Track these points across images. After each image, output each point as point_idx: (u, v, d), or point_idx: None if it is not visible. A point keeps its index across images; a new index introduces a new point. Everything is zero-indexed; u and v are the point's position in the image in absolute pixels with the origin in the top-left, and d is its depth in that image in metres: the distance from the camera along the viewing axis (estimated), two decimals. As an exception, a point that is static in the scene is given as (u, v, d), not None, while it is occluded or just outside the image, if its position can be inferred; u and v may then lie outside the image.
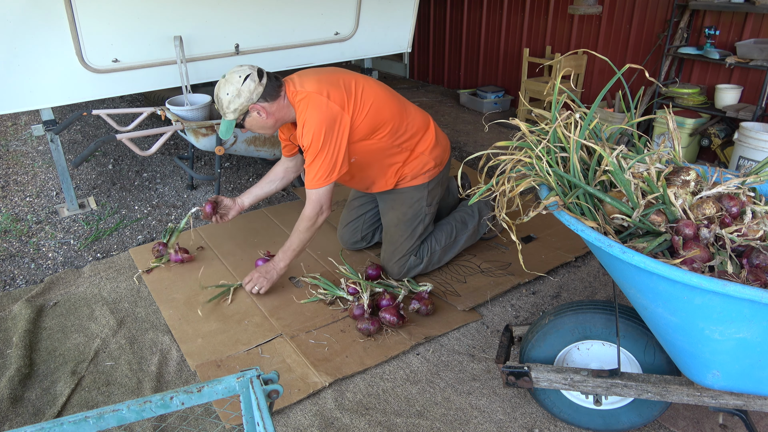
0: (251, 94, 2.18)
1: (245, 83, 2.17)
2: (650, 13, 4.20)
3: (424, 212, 2.56)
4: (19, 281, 2.72)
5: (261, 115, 2.25)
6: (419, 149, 2.49)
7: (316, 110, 2.19)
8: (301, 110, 2.23)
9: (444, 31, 6.09)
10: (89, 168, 4.05)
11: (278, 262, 2.48)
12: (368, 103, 2.30)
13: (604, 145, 1.57)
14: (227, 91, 2.18)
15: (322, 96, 2.21)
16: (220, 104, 2.23)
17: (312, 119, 2.19)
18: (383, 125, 2.35)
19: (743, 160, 3.39)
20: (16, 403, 1.96)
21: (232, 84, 2.18)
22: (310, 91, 2.23)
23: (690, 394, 1.55)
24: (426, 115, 2.57)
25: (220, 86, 2.22)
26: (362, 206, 2.79)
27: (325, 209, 2.34)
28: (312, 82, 2.27)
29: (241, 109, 2.21)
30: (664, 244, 1.36)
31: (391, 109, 2.38)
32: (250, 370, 1.14)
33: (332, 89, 2.24)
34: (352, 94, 2.28)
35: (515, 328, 1.95)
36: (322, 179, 2.25)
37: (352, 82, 2.32)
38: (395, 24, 4.21)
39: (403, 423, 1.88)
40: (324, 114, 2.19)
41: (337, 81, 2.29)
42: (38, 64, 2.90)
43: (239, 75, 2.18)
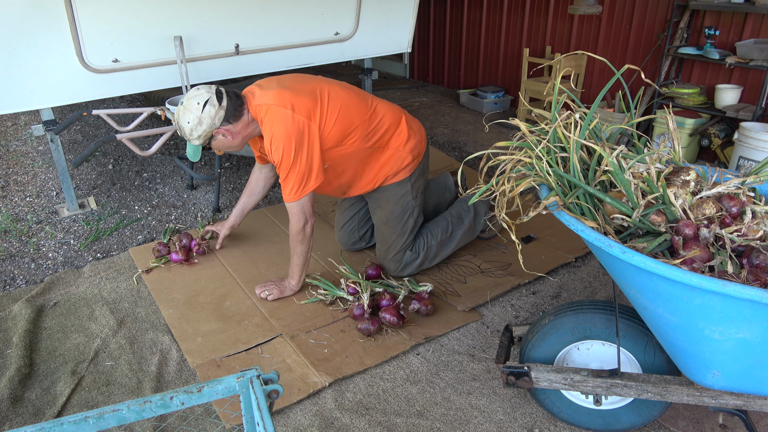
0: (212, 120, 2.11)
1: (205, 110, 2.10)
2: (650, 13, 4.20)
3: (411, 206, 2.54)
4: (19, 281, 2.72)
5: (226, 137, 2.19)
6: (393, 145, 2.45)
7: (281, 125, 2.14)
8: (266, 125, 2.17)
9: (444, 31, 6.09)
10: (89, 168, 4.05)
11: (290, 280, 2.51)
12: (335, 109, 2.25)
13: (604, 145, 1.57)
14: (187, 120, 2.12)
15: (286, 109, 2.15)
16: (182, 132, 2.17)
17: (278, 135, 2.14)
18: (354, 129, 2.31)
19: (743, 160, 3.39)
20: (16, 403, 1.96)
21: (191, 112, 2.11)
22: (270, 104, 2.16)
23: (690, 394, 1.55)
24: (396, 109, 2.51)
25: (179, 114, 2.14)
26: (353, 206, 2.77)
27: (309, 217, 2.31)
28: (273, 93, 2.19)
29: (204, 135, 2.15)
30: (664, 244, 1.36)
31: (359, 111, 2.33)
32: (250, 370, 1.14)
33: (296, 100, 2.18)
34: (317, 101, 2.22)
35: (515, 328, 1.95)
36: (299, 191, 2.22)
37: (316, 89, 2.26)
38: (395, 24, 4.21)
39: (403, 423, 1.88)
40: (290, 128, 2.13)
41: (300, 90, 2.22)
42: (38, 64, 2.90)
43: (197, 101, 2.10)
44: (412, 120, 2.56)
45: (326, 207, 3.34)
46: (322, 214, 3.26)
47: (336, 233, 2.87)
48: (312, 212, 2.33)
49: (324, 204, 3.37)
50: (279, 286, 2.50)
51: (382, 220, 2.56)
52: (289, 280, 2.51)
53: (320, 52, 3.92)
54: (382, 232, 2.57)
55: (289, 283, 2.51)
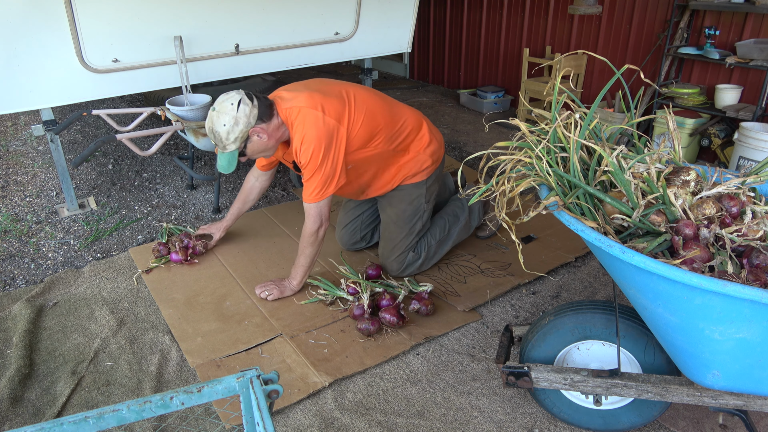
0: (248, 118, 2.11)
1: (240, 108, 2.10)
2: (650, 13, 4.20)
3: (423, 209, 2.56)
4: (19, 281, 2.72)
5: (261, 138, 2.19)
6: (414, 148, 2.49)
7: (313, 126, 2.16)
8: (297, 127, 2.19)
9: (444, 31, 6.09)
10: (89, 168, 4.05)
11: (292, 280, 2.49)
12: (362, 111, 2.28)
13: (604, 145, 1.57)
14: (223, 122, 2.10)
15: (317, 111, 2.17)
16: (218, 138, 2.14)
17: (310, 136, 2.15)
18: (378, 132, 2.35)
19: (743, 160, 3.39)
20: (16, 403, 1.96)
21: (225, 113, 2.10)
22: (302, 106, 2.19)
23: (690, 394, 1.55)
24: (418, 114, 2.55)
25: (213, 120, 2.13)
26: (359, 206, 2.78)
27: (324, 221, 2.33)
28: (303, 96, 2.21)
29: (241, 137, 2.14)
30: (664, 244, 1.36)
31: (383, 114, 2.36)
32: (250, 370, 1.14)
33: (326, 102, 2.20)
34: (345, 104, 2.25)
35: (515, 328, 1.95)
36: (321, 193, 2.24)
37: (342, 91, 2.29)
38: (395, 24, 4.21)
39: (403, 423, 1.88)
40: (321, 130, 2.16)
41: (329, 92, 2.25)
42: (38, 64, 2.90)
43: (230, 102, 2.11)
44: (432, 126, 2.61)
45: (326, 207, 3.33)
46: (322, 214, 3.26)
47: (337, 232, 2.87)
48: (327, 217, 2.34)
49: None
50: (279, 287, 2.49)
51: (392, 218, 2.57)
52: (291, 281, 2.50)
53: (320, 52, 3.92)
54: (390, 231, 2.57)
55: (289, 284, 2.50)
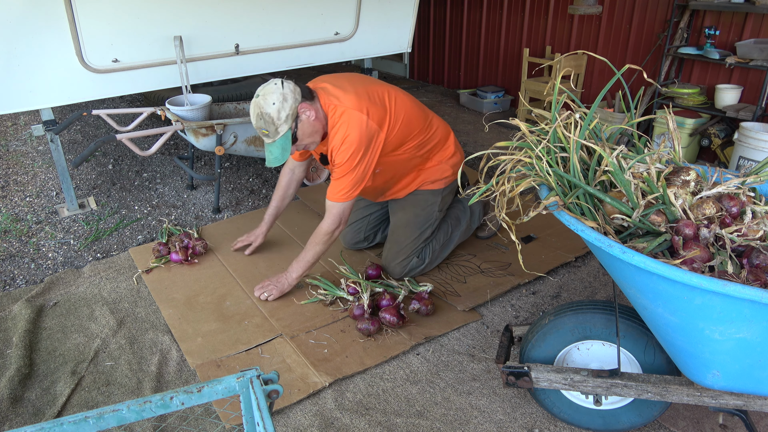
0: (294, 94, 2.11)
1: (285, 85, 2.10)
2: (650, 13, 4.20)
3: (434, 217, 2.58)
4: (19, 281, 2.72)
5: (309, 116, 2.16)
6: (438, 158, 2.54)
7: (356, 130, 2.16)
8: (341, 125, 2.18)
9: (444, 31, 6.09)
10: (89, 168, 4.05)
11: (291, 273, 2.46)
12: (400, 117, 2.31)
13: (604, 145, 1.57)
14: (272, 101, 2.08)
15: (362, 114, 2.18)
16: (269, 121, 2.10)
17: (352, 137, 2.16)
18: (411, 138, 2.38)
19: (743, 160, 3.39)
20: (16, 403, 1.96)
21: (272, 93, 2.09)
22: (349, 106, 2.18)
23: (690, 394, 1.55)
24: (447, 126, 2.61)
25: (260, 104, 2.10)
26: (368, 207, 2.80)
27: (342, 223, 2.34)
28: (350, 95, 2.21)
29: (292, 114, 2.11)
30: (664, 244, 1.36)
31: (419, 121, 2.40)
32: (250, 370, 1.14)
33: (371, 106, 2.21)
34: (387, 109, 2.27)
35: (515, 328, 1.95)
36: (347, 194, 2.26)
37: (385, 94, 2.31)
38: (395, 24, 4.21)
39: (403, 423, 1.88)
40: (364, 134, 2.17)
41: (373, 95, 2.26)
42: (38, 64, 2.90)
43: (274, 83, 2.11)
44: (457, 141, 2.64)
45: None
46: (322, 214, 3.25)
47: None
48: (347, 219, 2.35)
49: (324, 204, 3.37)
50: (277, 285, 2.47)
51: (403, 222, 2.57)
52: (289, 274, 2.46)
53: (320, 52, 3.92)
54: (398, 234, 2.57)
55: (287, 277, 2.46)
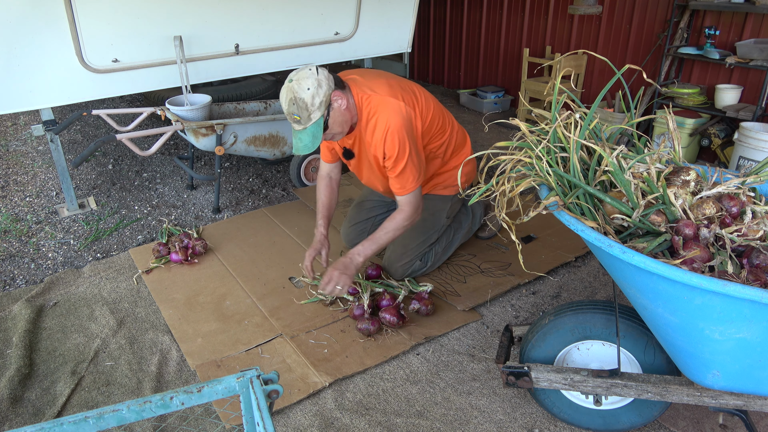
0: (329, 81, 2.05)
1: (320, 71, 2.03)
2: (650, 13, 4.20)
3: (441, 223, 2.59)
4: (19, 281, 2.72)
5: (341, 105, 2.10)
6: (453, 163, 2.53)
7: (397, 116, 2.12)
8: (379, 114, 2.13)
9: (444, 31, 6.09)
10: (89, 168, 4.05)
11: (356, 257, 2.25)
12: (430, 112, 2.30)
13: (604, 145, 1.57)
14: (307, 86, 2.00)
15: (398, 100, 2.15)
16: (302, 106, 2.01)
17: (396, 124, 2.11)
18: (433, 134, 2.37)
19: (743, 160, 3.39)
20: (16, 403, 1.96)
21: (307, 78, 2.01)
22: (383, 95, 2.15)
23: (690, 394, 1.55)
24: (465, 132, 2.60)
25: (294, 89, 2.01)
26: (373, 209, 2.78)
27: (418, 209, 2.29)
28: (383, 85, 2.20)
29: (326, 100, 2.04)
30: (664, 244, 1.36)
31: (443, 120, 2.40)
32: (250, 370, 1.14)
33: (404, 94, 2.20)
34: (419, 100, 2.27)
35: (515, 328, 1.95)
36: (414, 182, 2.21)
37: (414, 88, 2.31)
38: (395, 24, 4.21)
39: (403, 423, 1.88)
40: (404, 119, 2.14)
41: (404, 87, 2.26)
42: (38, 64, 2.90)
43: (308, 69, 2.04)
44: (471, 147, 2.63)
45: (326, 207, 3.34)
46: (322, 214, 3.26)
47: (343, 228, 2.86)
48: (421, 203, 2.30)
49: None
50: (345, 272, 2.22)
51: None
52: (355, 257, 2.25)
53: (320, 52, 3.92)
54: (404, 236, 2.52)
55: (354, 261, 2.25)
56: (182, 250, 2.78)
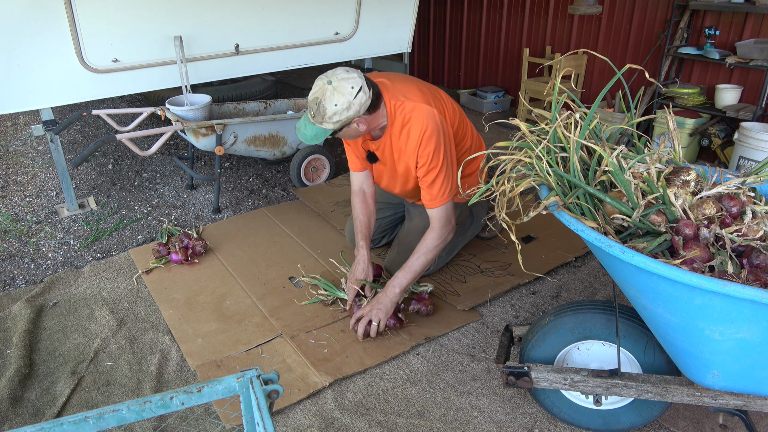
0: (360, 108, 1.98)
1: (358, 96, 1.95)
2: (650, 13, 4.20)
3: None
4: (19, 281, 2.72)
5: (359, 127, 2.06)
6: (469, 169, 2.50)
7: (432, 122, 2.08)
8: (413, 121, 2.10)
9: (444, 31, 6.09)
10: (89, 168, 4.05)
11: (394, 288, 2.21)
12: (456, 118, 2.29)
13: (604, 145, 1.57)
14: (335, 102, 1.94)
15: (431, 107, 2.11)
16: (320, 112, 1.96)
17: (430, 131, 2.08)
18: (459, 142, 2.34)
19: (743, 160, 3.39)
20: (16, 403, 1.96)
21: (343, 95, 1.94)
22: (416, 102, 2.11)
23: (690, 394, 1.55)
24: (481, 138, 2.57)
25: (326, 94, 1.94)
26: (381, 210, 2.75)
27: (452, 224, 2.23)
28: (415, 91, 2.16)
29: (344, 121, 1.99)
30: (664, 244, 1.36)
31: (464, 126, 2.38)
32: (250, 370, 1.14)
33: (435, 101, 2.17)
34: (446, 106, 2.25)
35: (515, 328, 1.95)
36: (445, 194, 2.16)
37: (439, 93, 2.29)
38: (395, 24, 4.21)
39: (403, 423, 1.88)
40: (438, 126, 2.10)
41: (432, 93, 2.23)
42: (38, 64, 2.90)
43: (351, 86, 1.95)
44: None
45: (326, 207, 3.34)
46: (322, 214, 3.26)
47: (347, 227, 2.86)
48: (455, 216, 2.24)
49: (324, 204, 3.37)
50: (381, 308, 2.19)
51: (417, 228, 2.51)
52: (393, 289, 2.21)
53: (320, 52, 3.92)
54: (410, 240, 2.52)
55: (391, 293, 2.21)
56: (182, 250, 2.78)
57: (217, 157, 3.24)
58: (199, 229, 3.15)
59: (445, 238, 2.23)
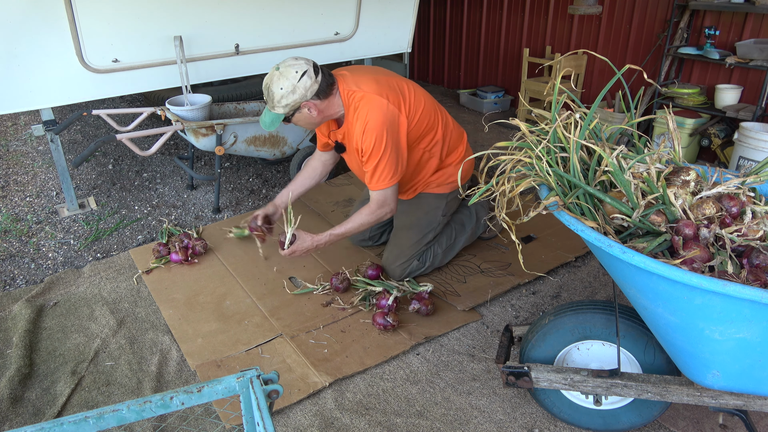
0: (306, 92, 2.12)
1: (302, 80, 2.10)
2: (650, 13, 4.20)
3: (438, 221, 2.58)
4: (19, 281, 2.72)
5: (311, 112, 2.19)
6: (449, 160, 2.52)
7: (377, 111, 2.16)
8: (360, 112, 2.18)
9: (444, 31, 6.09)
10: (89, 168, 4.05)
11: (322, 238, 2.31)
12: (420, 108, 2.30)
13: (604, 145, 1.57)
14: (281, 86, 2.10)
15: (381, 98, 2.18)
16: (270, 97, 2.15)
17: (373, 122, 2.15)
18: (428, 133, 2.37)
19: (743, 160, 3.39)
20: (16, 403, 1.96)
21: (287, 79, 2.10)
22: (368, 91, 2.20)
23: (690, 394, 1.55)
24: (461, 130, 2.59)
25: (273, 79, 2.13)
26: None
27: (393, 208, 2.33)
28: (370, 82, 2.23)
29: (293, 105, 2.15)
30: (664, 244, 1.36)
31: (435, 117, 2.40)
32: (250, 370, 1.14)
33: (390, 92, 2.22)
34: (406, 97, 2.27)
35: (515, 328, 1.95)
36: (386, 180, 2.24)
37: (404, 85, 2.32)
38: (395, 24, 4.21)
39: (403, 423, 1.88)
40: (386, 116, 2.16)
41: (392, 84, 2.28)
42: (38, 64, 2.90)
43: (296, 70, 2.10)
44: (469, 146, 2.63)
45: (326, 207, 3.34)
46: (322, 215, 3.26)
47: None
48: (395, 206, 2.34)
49: (324, 204, 3.37)
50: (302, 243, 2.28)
51: (405, 224, 2.57)
52: (320, 237, 2.31)
53: (320, 52, 3.92)
54: (400, 236, 2.57)
55: (318, 239, 2.30)
56: (182, 250, 2.78)
57: (217, 157, 3.24)
58: (199, 228, 3.15)
59: (379, 217, 2.33)
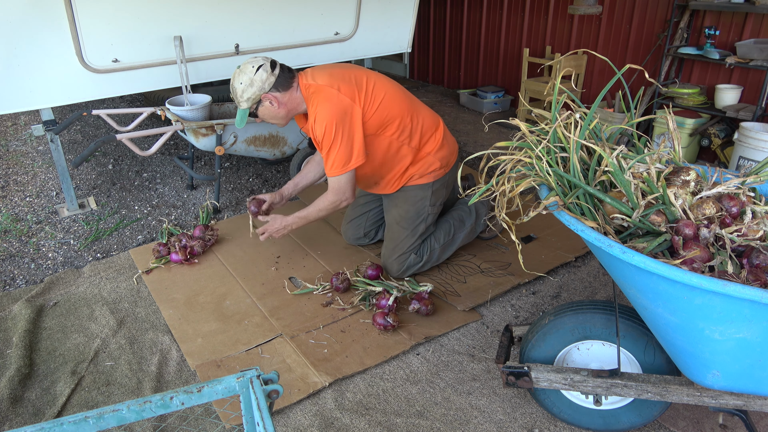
0: (263, 84, 2.27)
1: (258, 73, 2.26)
2: (650, 13, 4.20)
3: (426, 211, 2.57)
4: (19, 281, 2.72)
5: (273, 105, 2.33)
6: (426, 149, 2.52)
7: (327, 102, 2.26)
8: (312, 103, 2.31)
9: (444, 31, 6.09)
10: (89, 168, 4.05)
11: (291, 221, 2.55)
12: (379, 97, 2.35)
13: (604, 145, 1.57)
14: (240, 81, 2.28)
15: (332, 89, 2.29)
16: (234, 93, 2.32)
17: (323, 111, 2.26)
18: (392, 121, 2.39)
19: (743, 160, 3.39)
20: (16, 403, 1.96)
21: (245, 74, 2.28)
22: (321, 84, 2.31)
23: (690, 394, 1.55)
24: (436, 117, 2.60)
25: (234, 76, 2.31)
26: (367, 204, 2.83)
27: (348, 196, 2.41)
28: (324, 76, 2.35)
29: (253, 98, 2.30)
30: (664, 244, 1.36)
31: (401, 105, 2.42)
32: (250, 370, 1.14)
33: (343, 83, 2.31)
34: (363, 88, 2.34)
35: (515, 328, 1.95)
36: (340, 167, 2.32)
37: (363, 77, 2.39)
38: (395, 24, 4.21)
39: (403, 423, 1.88)
40: (335, 106, 2.26)
41: (348, 76, 2.36)
42: (38, 64, 2.90)
43: (252, 65, 2.28)
44: (448, 132, 2.65)
45: (326, 207, 3.34)
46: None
47: (343, 225, 2.92)
48: (352, 194, 2.42)
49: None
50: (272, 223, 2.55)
51: (395, 219, 2.59)
52: (291, 221, 2.54)
53: (320, 52, 3.92)
54: (393, 231, 2.60)
55: (284, 220, 2.55)
56: (182, 250, 2.78)
57: (217, 157, 3.24)
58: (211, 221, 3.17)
59: (337, 203, 2.42)
